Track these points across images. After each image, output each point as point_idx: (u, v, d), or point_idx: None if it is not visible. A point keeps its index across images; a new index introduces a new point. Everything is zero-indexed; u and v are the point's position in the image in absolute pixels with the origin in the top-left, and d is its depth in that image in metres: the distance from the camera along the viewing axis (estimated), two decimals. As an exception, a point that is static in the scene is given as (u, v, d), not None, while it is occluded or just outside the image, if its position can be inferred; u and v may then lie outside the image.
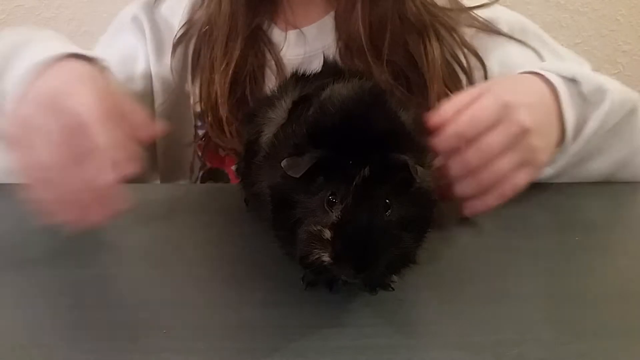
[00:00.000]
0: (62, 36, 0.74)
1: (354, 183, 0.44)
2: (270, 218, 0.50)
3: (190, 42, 0.90)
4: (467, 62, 0.86)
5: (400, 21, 0.82)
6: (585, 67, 0.85)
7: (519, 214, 0.66)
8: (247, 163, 0.61)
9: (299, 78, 0.63)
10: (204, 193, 0.78)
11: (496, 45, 0.87)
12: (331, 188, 0.46)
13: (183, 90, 0.92)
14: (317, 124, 0.48)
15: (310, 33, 0.88)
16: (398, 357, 0.45)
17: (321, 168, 0.45)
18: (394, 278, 0.52)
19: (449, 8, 0.87)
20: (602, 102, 0.68)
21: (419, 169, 0.46)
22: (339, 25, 0.85)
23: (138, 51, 0.92)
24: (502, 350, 0.45)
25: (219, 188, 0.87)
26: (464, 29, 0.87)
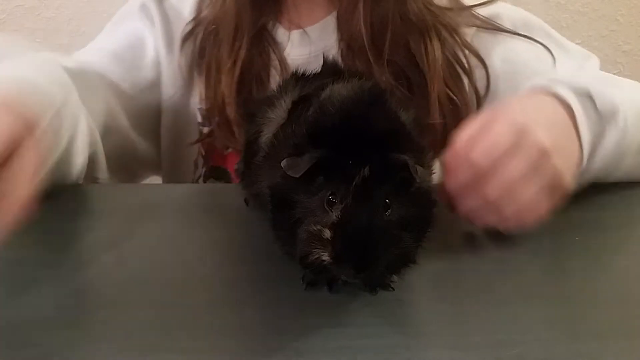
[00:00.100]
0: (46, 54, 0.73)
1: (354, 183, 0.44)
2: (270, 218, 0.51)
3: (197, 40, 0.90)
4: (468, 63, 0.86)
5: (402, 21, 0.82)
6: (593, 61, 0.85)
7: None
8: (247, 163, 0.61)
9: (299, 78, 0.63)
10: (204, 193, 0.78)
11: (498, 42, 0.86)
12: (331, 188, 0.46)
13: (190, 87, 0.92)
14: (317, 124, 0.48)
15: (313, 33, 0.87)
16: (398, 357, 0.45)
17: (321, 168, 0.45)
18: (394, 278, 0.52)
19: (450, 8, 0.87)
20: (616, 116, 0.65)
21: (419, 169, 0.46)
22: (341, 25, 0.85)
23: (146, 39, 0.91)
24: (502, 350, 0.45)
25: (219, 188, 0.87)
26: (465, 29, 0.86)
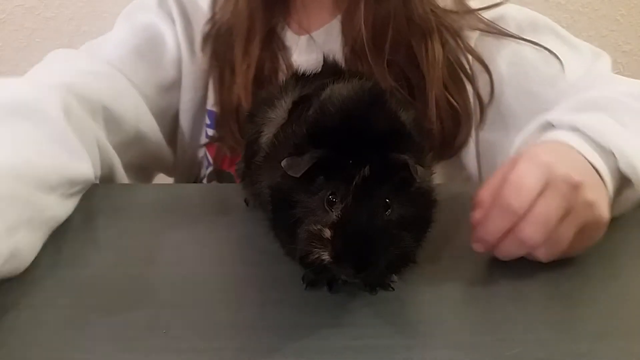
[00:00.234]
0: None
1: (354, 183, 0.44)
2: (270, 218, 0.51)
3: (211, 41, 0.89)
4: (471, 69, 0.84)
5: (406, 22, 0.81)
6: (603, 60, 0.83)
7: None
8: (247, 163, 0.61)
9: (299, 78, 0.63)
10: (204, 193, 0.78)
11: (503, 45, 0.84)
12: (331, 188, 0.46)
13: (207, 89, 0.91)
14: (317, 124, 0.48)
15: (319, 38, 0.87)
16: (398, 357, 0.45)
17: (321, 168, 0.45)
18: (394, 278, 0.52)
19: (454, 11, 0.85)
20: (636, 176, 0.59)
21: (419, 169, 0.46)
22: (345, 28, 0.85)
23: (166, 36, 0.89)
24: (502, 350, 0.45)
25: (219, 188, 0.87)
26: (468, 33, 0.85)
